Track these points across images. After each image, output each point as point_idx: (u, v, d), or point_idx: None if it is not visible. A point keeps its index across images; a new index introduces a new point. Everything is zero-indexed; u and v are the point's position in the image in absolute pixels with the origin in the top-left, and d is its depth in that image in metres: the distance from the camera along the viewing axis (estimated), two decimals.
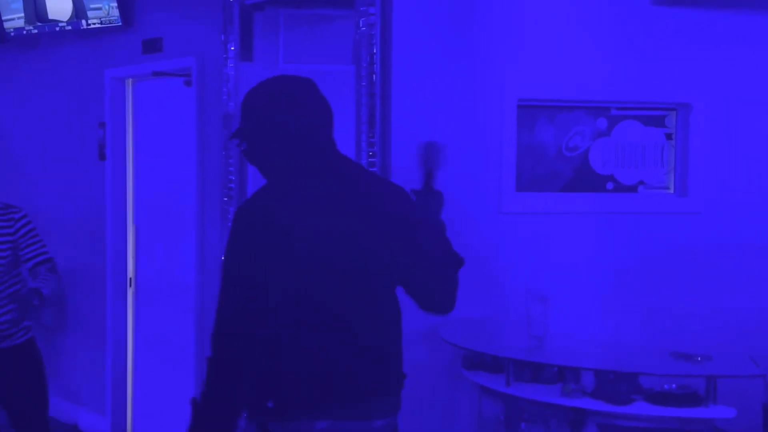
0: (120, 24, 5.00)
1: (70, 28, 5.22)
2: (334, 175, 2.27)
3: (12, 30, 5.49)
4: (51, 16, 5.26)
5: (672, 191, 4.10)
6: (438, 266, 2.32)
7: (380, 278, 2.26)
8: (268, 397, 2.21)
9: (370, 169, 3.73)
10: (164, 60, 4.86)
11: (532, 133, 4.00)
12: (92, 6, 5.07)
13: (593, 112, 4.03)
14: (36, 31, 5.37)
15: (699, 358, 3.37)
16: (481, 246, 3.85)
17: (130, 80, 5.25)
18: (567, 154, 4.04)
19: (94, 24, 5.10)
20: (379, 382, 2.26)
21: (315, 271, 2.17)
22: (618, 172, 4.08)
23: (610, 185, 4.07)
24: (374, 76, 3.75)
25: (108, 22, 5.04)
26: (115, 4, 4.98)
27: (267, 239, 2.15)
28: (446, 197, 3.62)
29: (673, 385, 3.28)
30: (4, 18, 5.48)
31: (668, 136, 4.10)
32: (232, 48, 4.34)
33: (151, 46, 4.94)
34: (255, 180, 6.71)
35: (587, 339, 3.78)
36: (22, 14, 5.38)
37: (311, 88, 2.32)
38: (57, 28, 5.27)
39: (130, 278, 5.24)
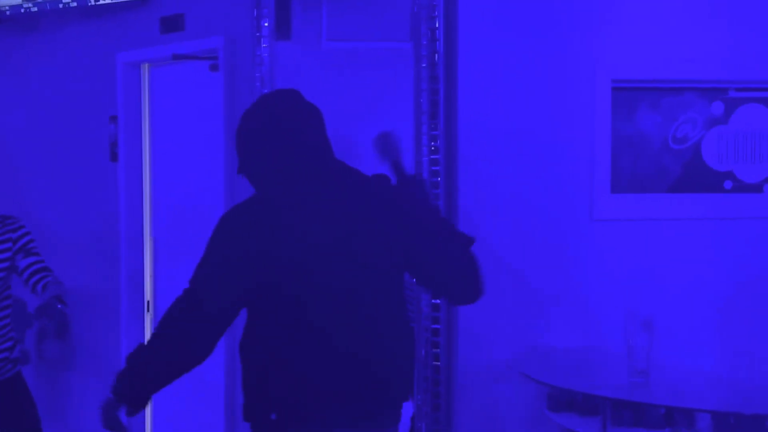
0: None
1: (75, 4, 5.28)
2: (333, 181, 2.62)
3: (7, 8, 5.57)
4: None
5: None
6: (450, 245, 2.62)
7: (391, 283, 2.63)
8: (270, 410, 2.57)
9: (432, 168, 3.71)
10: (186, 41, 4.89)
11: (631, 121, 3.94)
12: None
13: (707, 94, 3.96)
14: (36, 9, 5.44)
15: None
16: (568, 260, 3.81)
17: (147, 65, 5.30)
18: (674, 146, 3.97)
19: (104, 0, 5.16)
20: (387, 395, 2.63)
21: (326, 280, 2.52)
22: (738, 167, 4.00)
23: (728, 184, 3.99)
24: (436, 55, 3.73)
25: None
26: None
27: (272, 249, 2.50)
28: (525, 201, 3.58)
29: None
30: None
31: None
32: (266, 24, 4.36)
33: (171, 25, 4.97)
34: None
35: (700, 373, 3.71)
36: None
37: (297, 97, 2.73)
38: (60, 5, 5.33)
39: (148, 301, 5.28)
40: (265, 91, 4.44)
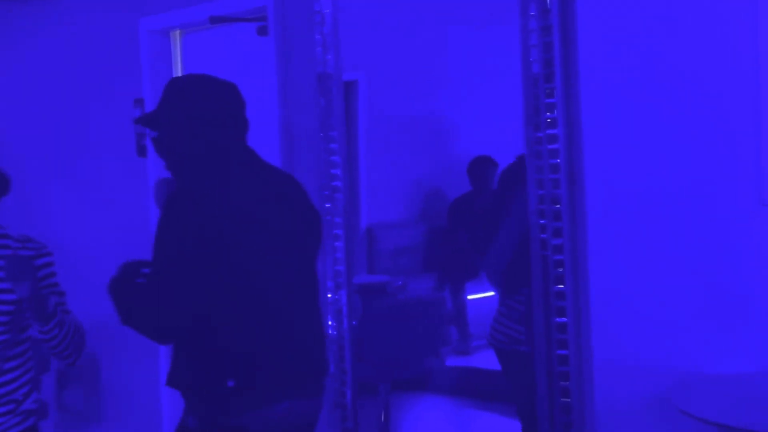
0: None
1: None
2: (257, 173, 3.57)
3: None
4: None
5: None
6: None
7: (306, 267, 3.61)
8: (227, 376, 3.34)
9: (549, 147, 3.68)
10: (227, 1, 4.90)
11: None
12: None
13: None
14: None
15: None
16: (733, 257, 3.72)
17: (178, 32, 5.32)
18: None
19: None
20: (323, 361, 3.64)
21: (268, 260, 3.42)
22: None
23: None
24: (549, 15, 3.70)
25: None
26: None
27: (222, 232, 3.30)
28: (671, 187, 3.49)
29: None
30: None
31: None
32: None
33: None
34: (369, 174, 6.73)
35: None
36: None
37: (234, 91, 3.61)
38: None
39: None
40: (329, 57, 4.44)
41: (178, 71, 5.33)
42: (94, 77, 5.63)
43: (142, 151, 5.34)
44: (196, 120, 3.52)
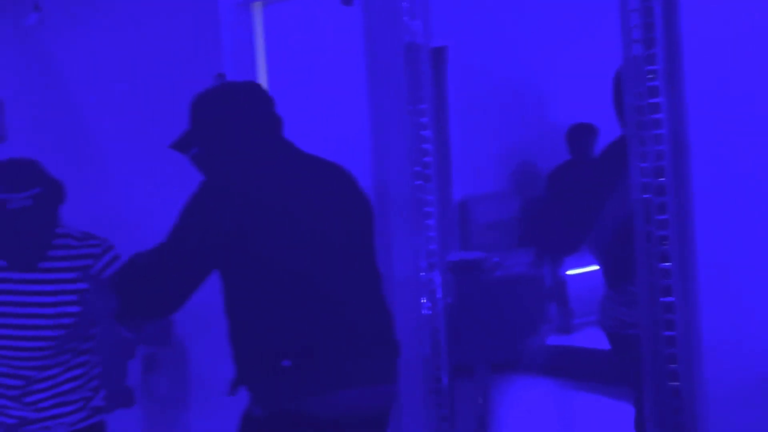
0: None
1: None
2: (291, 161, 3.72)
3: None
4: None
5: None
6: None
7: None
8: (282, 356, 3.43)
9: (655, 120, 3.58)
10: None
11: None
12: None
13: None
14: None
15: None
16: None
17: (259, 3, 5.29)
18: None
19: None
20: (390, 345, 3.70)
21: (318, 242, 3.55)
22: None
23: None
24: None
25: None
26: None
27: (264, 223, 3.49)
28: None
29: None
30: None
31: None
32: None
33: None
34: (461, 146, 6.65)
35: None
36: None
37: (257, 91, 3.82)
38: None
39: None
40: (417, 25, 4.39)
41: (259, 44, 5.30)
42: (174, 52, 5.62)
43: None
44: (226, 129, 3.68)
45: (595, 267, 7.16)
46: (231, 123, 3.72)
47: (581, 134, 7.51)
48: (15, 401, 3.84)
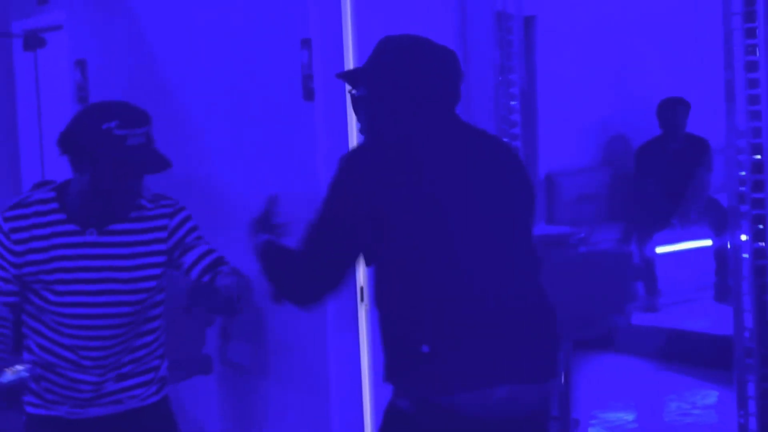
0: None
1: None
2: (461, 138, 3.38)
3: None
4: None
5: None
6: None
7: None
8: (421, 341, 3.18)
9: (750, 92, 3.58)
10: None
11: None
12: None
13: None
14: None
15: None
16: None
17: None
18: None
19: None
20: (549, 340, 3.29)
21: (465, 225, 3.26)
22: None
23: None
24: None
25: None
26: None
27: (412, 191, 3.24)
28: None
29: None
30: None
31: None
32: None
33: None
34: (548, 118, 6.63)
35: None
36: None
37: (453, 60, 3.40)
38: None
39: (362, 288, 5.32)
40: (509, 7, 4.40)
41: (346, 10, 5.32)
42: (259, 17, 5.67)
43: (308, 95, 5.36)
44: (404, 86, 3.41)
45: (684, 245, 7.13)
46: (416, 80, 3.43)
47: (672, 109, 7.47)
48: (89, 373, 3.75)
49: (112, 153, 3.48)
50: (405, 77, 3.41)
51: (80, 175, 3.55)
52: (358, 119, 3.54)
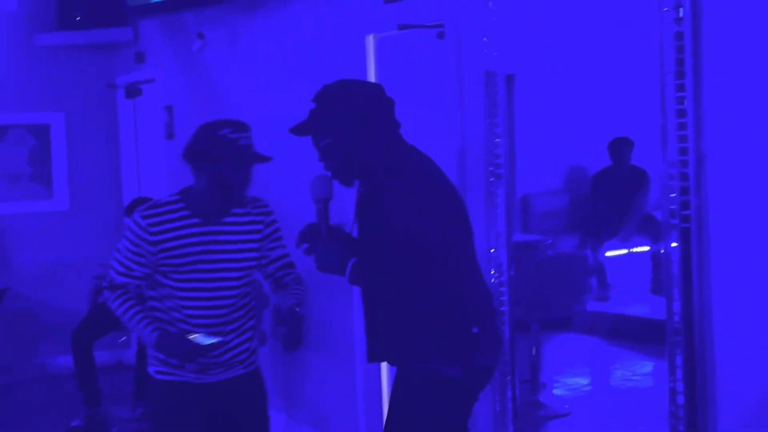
0: None
1: None
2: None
3: None
4: None
5: None
6: None
7: None
8: (472, 324, 3.30)
9: (682, 136, 3.54)
10: (411, 9, 4.86)
11: None
12: None
13: None
14: None
15: None
16: None
17: (372, 36, 5.30)
18: None
19: None
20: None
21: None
22: None
23: None
24: (681, 10, 3.54)
25: None
26: None
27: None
28: None
29: None
30: None
31: None
32: None
33: None
34: (524, 152, 6.62)
35: None
36: None
37: (383, 92, 3.36)
38: None
39: None
40: (495, 55, 4.38)
41: (371, 68, 5.32)
42: (303, 69, 5.64)
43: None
44: (370, 120, 3.26)
45: (627, 250, 7.08)
46: (376, 111, 3.29)
47: (620, 145, 7.45)
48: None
49: (229, 152, 3.52)
50: (366, 112, 3.26)
51: (201, 178, 3.60)
52: (328, 166, 3.33)
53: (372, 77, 5.30)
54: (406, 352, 3.34)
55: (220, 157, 3.54)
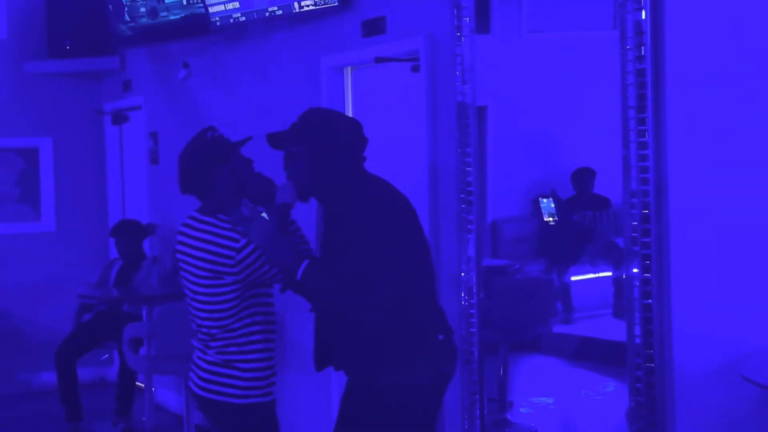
0: (336, 4, 5.09)
1: (281, 12, 5.37)
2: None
3: (218, 19, 5.73)
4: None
5: None
6: None
7: None
8: (438, 332, 3.46)
9: (641, 164, 3.58)
10: (387, 43, 4.90)
11: None
12: None
13: None
14: (244, 18, 5.58)
15: None
16: None
17: (349, 69, 5.33)
18: None
19: (308, 6, 5.22)
20: None
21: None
22: None
23: None
24: (643, 48, 3.57)
25: (323, 3, 5.14)
26: None
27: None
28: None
29: None
30: (209, 3, 5.73)
31: None
32: (467, 20, 4.32)
33: (373, 28, 4.99)
34: (495, 180, 6.67)
35: None
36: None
37: (360, 127, 3.51)
38: (266, 14, 5.44)
39: None
40: (467, 89, 4.41)
41: (348, 100, 5.35)
42: (285, 99, 5.67)
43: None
44: (334, 145, 3.42)
45: (591, 275, 7.13)
46: (345, 136, 3.46)
47: (582, 175, 7.48)
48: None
49: (227, 144, 3.72)
50: (342, 139, 3.43)
51: (225, 182, 3.68)
52: (290, 173, 3.47)
53: (349, 107, 5.32)
54: (373, 365, 3.38)
55: (227, 152, 3.63)
